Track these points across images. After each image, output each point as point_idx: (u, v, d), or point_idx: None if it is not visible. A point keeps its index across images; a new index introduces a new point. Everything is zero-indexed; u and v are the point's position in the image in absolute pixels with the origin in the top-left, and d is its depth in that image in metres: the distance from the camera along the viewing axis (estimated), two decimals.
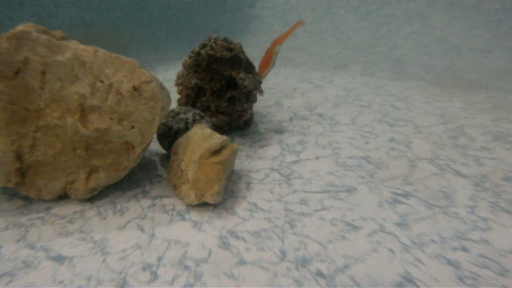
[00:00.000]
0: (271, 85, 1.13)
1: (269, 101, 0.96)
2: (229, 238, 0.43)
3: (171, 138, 0.57)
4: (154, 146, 0.66)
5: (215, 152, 0.49)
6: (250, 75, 0.66)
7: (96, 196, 0.50)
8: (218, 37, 0.66)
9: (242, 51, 0.67)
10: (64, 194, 0.49)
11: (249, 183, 0.55)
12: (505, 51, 1.52)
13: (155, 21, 1.90)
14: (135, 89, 0.47)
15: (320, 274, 0.38)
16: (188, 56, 0.66)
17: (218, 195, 0.47)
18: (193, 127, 0.52)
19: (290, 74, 1.29)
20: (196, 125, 0.53)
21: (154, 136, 0.59)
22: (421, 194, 0.54)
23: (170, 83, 1.14)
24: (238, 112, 0.67)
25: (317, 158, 0.64)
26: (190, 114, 0.58)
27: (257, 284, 0.36)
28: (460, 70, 1.45)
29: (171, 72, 1.25)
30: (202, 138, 0.50)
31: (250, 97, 0.68)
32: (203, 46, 0.65)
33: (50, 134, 0.47)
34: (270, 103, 0.94)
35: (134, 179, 0.55)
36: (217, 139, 0.49)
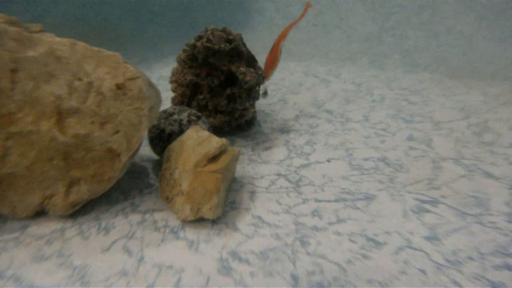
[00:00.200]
0: (275, 80, 1.06)
1: (273, 97, 0.89)
2: (230, 261, 0.36)
3: (164, 143, 0.50)
4: (146, 151, 0.60)
5: (213, 158, 0.42)
6: (252, 69, 0.59)
7: (79, 211, 0.44)
8: (216, 28, 0.59)
9: (243, 43, 0.60)
10: (41, 210, 0.42)
11: (253, 192, 0.48)
12: None
13: (153, 16, 1.83)
14: (119, 87, 0.41)
15: None
16: (182, 50, 0.59)
17: (218, 209, 0.40)
18: (187, 130, 0.45)
19: (294, 68, 1.22)
20: (191, 127, 0.46)
21: (147, 139, 0.53)
22: (450, 201, 0.47)
23: (166, 81, 1.07)
24: (239, 111, 0.60)
25: (328, 160, 0.57)
26: (185, 115, 0.52)
27: None
28: (474, 61, 1.37)
29: (169, 69, 1.19)
30: (197, 142, 0.43)
31: (252, 94, 0.62)
32: (199, 38, 0.58)
33: (23, 142, 0.40)
34: (274, 100, 0.87)
35: (123, 190, 0.49)
36: (215, 143, 0.43)
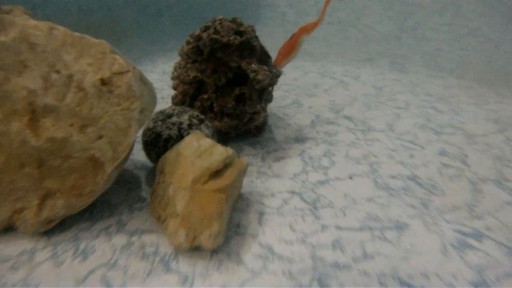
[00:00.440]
0: (288, 80, 0.97)
1: (286, 99, 0.81)
2: None
3: (160, 149, 0.43)
4: (141, 155, 0.53)
5: (216, 173, 0.35)
6: (264, 67, 0.52)
7: (55, 226, 0.37)
8: (225, 18, 0.52)
9: (255, 36, 0.52)
10: (11, 225, 0.36)
11: (261, 214, 0.41)
12: None
13: (159, 8, 1.76)
14: (104, 83, 0.33)
15: None
16: (186, 41, 0.52)
17: (218, 237, 0.33)
18: (186, 137, 0.38)
19: (309, 67, 1.13)
20: (191, 132, 0.39)
21: (140, 145, 0.46)
22: (496, 234, 0.40)
23: (170, 77, 1.00)
24: (248, 114, 0.53)
25: (350, 177, 0.49)
26: (185, 117, 0.44)
27: None
28: (502, 66, 1.27)
29: (173, 64, 1.12)
30: (198, 153, 0.36)
31: (264, 95, 0.54)
32: (206, 28, 0.50)
33: None
34: (287, 102, 0.79)
35: (109, 203, 0.42)
36: (218, 155, 0.35)
